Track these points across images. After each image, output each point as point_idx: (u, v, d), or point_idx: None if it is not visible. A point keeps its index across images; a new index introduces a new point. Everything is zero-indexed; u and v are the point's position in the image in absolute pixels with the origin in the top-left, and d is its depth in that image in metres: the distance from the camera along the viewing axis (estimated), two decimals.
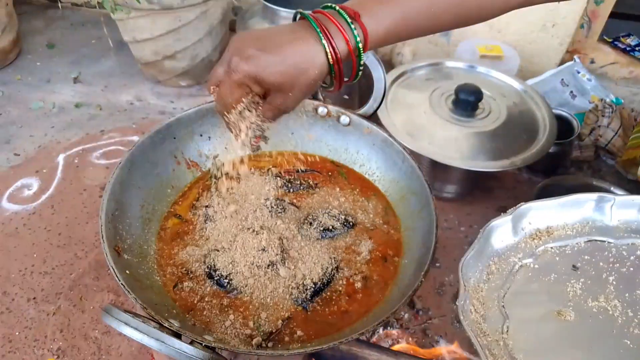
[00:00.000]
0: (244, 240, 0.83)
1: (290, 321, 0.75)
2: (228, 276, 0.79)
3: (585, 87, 1.73)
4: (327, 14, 0.61)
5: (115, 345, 1.10)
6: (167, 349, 0.52)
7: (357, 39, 0.60)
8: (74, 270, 1.28)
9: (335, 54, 0.60)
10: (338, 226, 0.88)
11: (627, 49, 1.86)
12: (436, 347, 1.13)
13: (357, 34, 0.60)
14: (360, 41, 0.60)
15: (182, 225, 0.88)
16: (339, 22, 0.59)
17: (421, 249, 0.79)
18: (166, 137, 0.90)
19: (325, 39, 0.59)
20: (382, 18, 0.61)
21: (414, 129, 1.30)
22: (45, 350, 1.10)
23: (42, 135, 1.74)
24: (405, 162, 0.89)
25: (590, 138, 1.55)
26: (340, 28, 0.59)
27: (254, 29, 1.52)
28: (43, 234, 1.40)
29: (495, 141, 1.27)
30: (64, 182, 1.57)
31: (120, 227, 0.77)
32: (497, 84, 1.47)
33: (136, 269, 0.74)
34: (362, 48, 0.61)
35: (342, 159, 1.00)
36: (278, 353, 0.63)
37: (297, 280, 0.79)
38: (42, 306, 1.20)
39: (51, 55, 2.13)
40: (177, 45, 1.78)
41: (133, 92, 1.96)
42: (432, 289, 1.25)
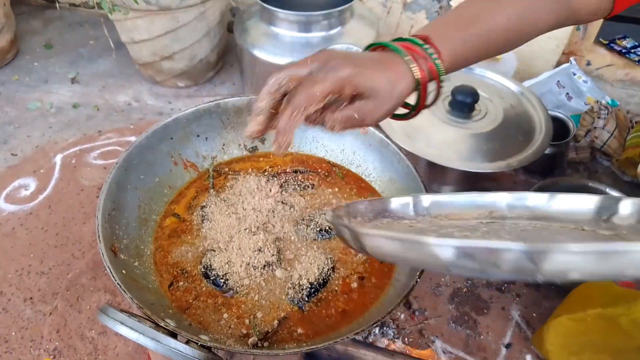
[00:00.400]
0: (241, 241, 0.83)
1: (286, 321, 0.75)
2: (224, 276, 0.79)
3: (581, 88, 1.73)
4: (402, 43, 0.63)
5: (111, 346, 1.10)
6: (163, 348, 0.52)
7: (435, 60, 0.62)
8: (71, 270, 1.28)
9: (422, 74, 0.61)
10: None
11: (623, 51, 1.87)
12: (432, 347, 1.14)
13: (434, 57, 0.62)
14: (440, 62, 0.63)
15: (179, 224, 0.88)
16: (416, 48, 0.62)
17: None
18: (163, 138, 0.91)
19: (413, 60, 0.61)
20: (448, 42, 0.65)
21: (411, 131, 1.30)
22: (41, 350, 1.10)
23: (40, 136, 1.74)
24: (402, 162, 0.89)
25: (586, 140, 1.55)
26: (420, 52, 0.62)
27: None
28: (40, 234, 1.40)
29: (492, 142, 1.27)
30: (61, 183, 1.57)
31: (117, 227, 0.77)
32: (494, 85, 1.47)
33: (132, 269, 0.75)
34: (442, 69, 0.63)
35: (338, 160, 1.01)
36: (274, 353, 0.63)
37: (294, 280, 0.80)
38: (38, 306, 1.20)
39: (49, 56, 2.13)
40: (175, 46, 1.78)
41: (131, 92, 1.96)
42: (428, 290, 1.26)
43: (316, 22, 1.47)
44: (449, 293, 1.25)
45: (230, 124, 0.98)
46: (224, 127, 0.98)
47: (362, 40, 1.52)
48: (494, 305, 1.23)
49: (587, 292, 0.96)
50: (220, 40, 1.93)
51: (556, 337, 1.03)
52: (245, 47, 1.52)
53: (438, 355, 1.13)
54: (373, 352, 0.98)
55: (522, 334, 1.17)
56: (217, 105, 0.95)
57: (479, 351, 1.14)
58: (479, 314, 1.21)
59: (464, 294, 1.25)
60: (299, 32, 1.49)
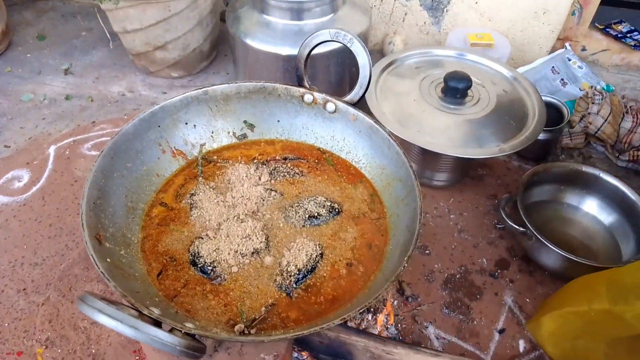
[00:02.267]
0: (229, 228, 0.83)
1: (274, 308, 0.75)
2: (212, 263, 0.79)
3: (576, 74, 1.72)
4: None
5: (104, 335, 1.10)
6: (142, 335, 0.52)
7: None
8: (64, 261, 1.28)
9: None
10: (324, 213, 0.88)
11: (619, 35, 1.85)
12: (425, 333, 1.14)
13: None
14: None
15: (167, 213, 0.87)
16: None
17: (406, 235, 0.79)
18: (151, 126, 0.90)
19: None
20: None
21: (404, 118, 1.29)
22: (34, 340, 1.10)
23: (33, 127, 1.73)
24: (391, 148, 0.89)
25: (580, 125, 1.54)
26: None
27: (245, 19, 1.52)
28: (33, 225, 1.40)
29: (485, 128, 1.26)
30: (55, 174, 1.57)
31: (103, 216, 0.77)
32: (487, 71, 1.46)
33: (118, 258, 0.74)
34: None
35: (328, 146, 1.00)
36: (259, 339, 0.63)
37: (282, 267, 0.79)
38: (32, 297, 1.20)
39: (42, 47, 2.12)
40: (167, 36, 1.77)
41: (124, 83, 1.95)
42: (421, 276, 1.26)
43: (308, 9, 1.46)
44: (443, 279, 1.25)
45: (219, 112, 0.97)
46: (213, 115, 0.97)
47: (355, 28, 1.51)
48: (487, 290, 1.23)
49: (592, 286, 0.95)
50: (213, 30, 1.91)
51: (555, 328, 1.03)
52: (237, 35, 1.50)
53: (431, 341, 1.13)
54: (365, 339, 0.98)
55: (515, 319, 1.17)
56: (205, 92, 0.94)
57: (472, 336, 1.14)
58: (472, 299, 1.21)
59: (457, 280, 1.25)
60: (291, 20, 1.47)
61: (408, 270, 1.27)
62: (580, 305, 0.95)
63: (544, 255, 1.17)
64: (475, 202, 1.45)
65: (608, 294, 0.88)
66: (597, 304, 0.90)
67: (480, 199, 1.46)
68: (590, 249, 1.23)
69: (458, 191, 1.48)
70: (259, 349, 0.74)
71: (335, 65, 1.51)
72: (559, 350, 1.05)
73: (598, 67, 1.86)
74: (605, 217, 1.28)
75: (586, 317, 0.93)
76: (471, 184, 1.51)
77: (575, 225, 1.29)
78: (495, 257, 1.30)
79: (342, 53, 1.46)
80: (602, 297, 0.89)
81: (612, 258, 1.20)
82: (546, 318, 1.05)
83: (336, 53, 1.45)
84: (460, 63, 1.49)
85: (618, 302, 0.86)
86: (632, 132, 1.47)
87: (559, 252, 1.10)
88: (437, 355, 0.98)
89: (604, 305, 0.88)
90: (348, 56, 1.11)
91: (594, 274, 0.97)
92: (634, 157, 1.47)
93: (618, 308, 0.85)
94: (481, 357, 1.11)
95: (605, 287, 0.90)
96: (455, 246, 1.34)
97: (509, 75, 1.44)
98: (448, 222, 1.40)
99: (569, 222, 1.30)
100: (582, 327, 0.96)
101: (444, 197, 1.46)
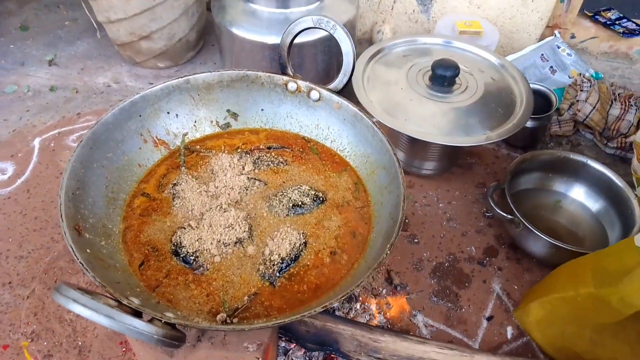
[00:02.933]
0: (212, 218, 0.82)
1: (257, 297, 0.75)
2: (194, 253, 0.78)
3: (565, 62, 1.72)
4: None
5: (90, 327, 1.10)
6: (117, 325, 0.51)
7: None
8: (50, 253, 1.27)
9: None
10: (308, 202, 0.87)
11: (608, 23, 1.85)
12: (413, 321, 1.14)
13: None
14: None
15: (149, 203, 0.86)
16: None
17: (389, 223, 0.78)
18: (131, 115, 0.89)
19: None
20: None
21: (391, 106, 1.28)
22: (19, 334, 1.09)
23: (17, 119, 1.70)
24: (375, 136, 0.88)
25: (569, 113, 1.54)
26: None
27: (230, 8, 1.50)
28: (19, 218, 1.38)
29: (472, 116, 1.25)
30: (40, 166, 1.55)
31: (82, 207, 0.75)
32: (475, 59, 1.45)
33: (99, 248, 0.73)
34: None
35: (313, 135, 0.99)
36: (240, 328, 0.62)
37: (265, 256, 0.79)
38: (17, 290, 1.19)
39: (25, 38, 2.08)
40: (152, 25, 1.74)
41: (110, 74, 1.92)
42: (410, 265, 1.26)
43: None
44: (431, 268, 1.25)
45: (201, 101, 0.96)
46: (195, 104, 0.96)
47: (341, 16, 1.49)
48: (475, 278, 1.23)
49: (578, 272, 0.95)
50: (200, 19, 1.89)
51: (542, 314, 1.03)
52: (223, 24, 1.48)
53: (420, 329, 1.14)
54: (352, 327, 0.98)
55: (503, 307, 1.17)
56: (186, 81, 0.93)
57: (460, 324, 1.14)
58: (460, 287, 1.21)
59: (446, 268, 1.25)
60: (277, 8, 1.45)
61: (397, 259, 1.26)
62: (567, 291, 0.95)
63: (531, 242, 1.17)
64: (464, 190, 1.45)
65: (593, 278, 0.88)
66: (583, 289, 0.90)
67: (469, 187, 1.46)
68: (577, 236, 1.24)
69: (447, 180, 1.48)
70: (242, 338, 0.74)
71: (322, 54, 1.49)
72: (546, 337, 1.05)
73: (587, 55, 1.86)
74: (592, 204, 1.28)
75: (573, 302, 0.93)
76: (460, 173, 1.50)
77: (563, 213, 1.29)
78: (483, 245, 1.31)
79: (329, 42, 1.45)
80: (588, 281, 0.89)
81: (599, 244, 1.21)
82: (533, 305, 1.05)
83: (323, 41, 1.43)
84: (448, 51, 1.48)
85: (603, 284, 0.86)
86: (620, 119, 1.47)
87: (546, 239, 1.10)
88: (424, 343, 0.98)
89: (589, 289, 0.88)
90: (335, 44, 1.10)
91: (579, 259, 0.97)
92: (621, 144, 1.47)
93: (603, 291, 0.85)
94: (469, 344, 1.11)
95: (590, 271, 0.90)
96: (444, 235, 1.33)
97: (497, 63, 1.43)
98: (437, 210, 1.40)
99: (556, 210, 1.30)
100: (569, 313, 0.96)
101: (432, 186, 1.46)
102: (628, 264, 0.81)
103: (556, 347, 1.03)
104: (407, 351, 0.95)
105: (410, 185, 1.46)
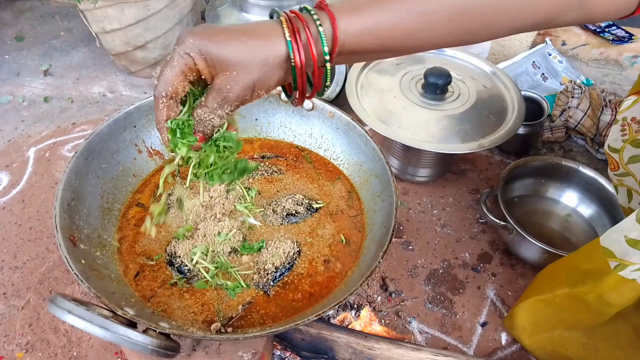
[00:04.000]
0: (206, 228, 0.83)
1: (251, 306, 0.75)
2: (189, 263, 0.78)
3: (557, 68, 1.74)
4: (300, 14, 0.54)
5: (85, 338, 1.09)
6: (112, 336, 0.52)
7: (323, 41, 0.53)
8: (45, 264, 1.27)
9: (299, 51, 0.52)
10: (302, 211, 0.88)
11: (598, 30, 1.87)
12: (408, 327, 1.15)
13: (324, 37, 0.53)
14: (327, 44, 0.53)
15: (144, 213, 0.87)
16: (308, 23, 0.53)
17: (382, 230, 0.79)
18: (126, 126, 0.89)
19: (290, 34, 0.52)
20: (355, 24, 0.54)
21: (385, 114, 1.30)
22: (14, 345, 1.09)
23: (12, 130, 1.71)
24: (368, 145, 0.89)
25: (561, 119, 1.56)
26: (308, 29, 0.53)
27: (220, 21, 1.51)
28: (13, 228, 1.38)
29: (465, 124, 1.27)
30: (35, 176, 1.55)
31: (77, 217, 0.76)
32: (467, 67, 1.47)
33: (94, 259, 0.74)
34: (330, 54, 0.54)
35: (307, 144, 1.00)
36: (234, 337, 0.63)
37: (259, 265, 0.79)
38: (12, 301, 1.19)
39: (20, 48, 2.09)
40: (147, 35, 1.75)
41: (105, 83, 1.93)
42: (405, 272, 1.26)
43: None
44: (426, 274, 1.26)
45: None
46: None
47: None
48: (469, 284, 1.24)
49: (554, 273, 0.97)
50: None
51: (527, 318, 1.04)
52: None
53: (414, 336, 1.14)
54: (346, 335, 0.98)
55: (498, 312, 1.18)
56: None
57: (454, 330, 1.15)
58: (454, 294, 1.22)
59: (440, 275, 1.26)
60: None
61: (392, 265, 1.27)
62: (545, 293, 0.96)
63: (524, 248, 1.18)
64: (458, 197, 1.46)
65: (567, 279, 0.90)
66: (558, 289, 0.92)
67: (462, 194, 1.47)
68: (570, 241, 1.25)
69: (441, 186, 1.49)
70: (236, 347, 0.74)
71: None
72: (535, 342, 1.06)
73: (578, 62, 1.87)
74: (585, 210, 1.29)
75: (551, 303, 0.95)
76: (453, 179, 1.51)
77: (556, 218, 1.30)
78: (477, 251, 1.31)
79: None
80: (563, 282, 0.91)
81: None
82: (517, 310, 1.06)
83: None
84: (440, 59, 1.50)
85: (576, 285, 0.87)
86: (611, 125, 1.48)
87: (538, 245, 1.11)
88: (419, 350, 0.98)
89: (564, 289, 0.90)
90: None
91: (556, 262, 0.99)
92: None
93: (577, 290, 0.87)
94: (464, 350, 1.12)
95: (564, 273, 0.92)
96: (438, 241, 1.34)
97: (488, 71, 1.45)
98: (431, 217, 1.41)
99: (549, 215, 1.31)
100: (550, 314, 0.98)
101: (426, 193, 1.47)
102: (598, 264, 0.82)
103: (546, 352, 1.04)
104: (402, 358, 0.95)
105: (404, 192, 1.47)
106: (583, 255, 0.89)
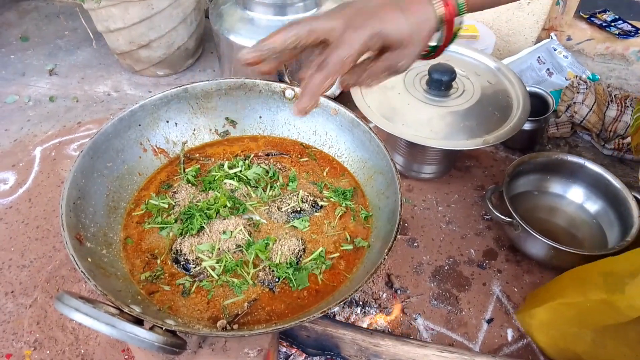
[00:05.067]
0: (211, 225, 0.83)
1: (257, 303, 0.75)
2: (194, 260, 0.79)
3: (562, 64, 1.73)
4: None
5: (93, 335, 1.10)
6: (119, 333, 0.52)
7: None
8: (52, 262, 1.28)
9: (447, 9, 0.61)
10: (307, 208, 0.88)
11: (603, 24, 1.86)
12: (414, 324, 1.15)
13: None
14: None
15: (149, 211, 0.87)
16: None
17: (387, 227, 0.79)
18: (131, 125, 0.90)
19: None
20: None
21: (389, 111, 1.29)
22: (22, 342, 1.10)
23: (18, 129, 1.72)
24: (372, 141, 0.89)
25: (566, 115, 1.55)
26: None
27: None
28: (20, 227, 1.39)
29: (470, 120, 1.26)
30: (41, 175, 1.56)
31: (83, 216, 0.76)
32: (472, 63, 1.46)
33: (100, 257, 0.74)
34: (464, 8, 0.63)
35: (311, 141, 1.00)
36: (240, 334, 0.63)
37: (265, 262, 0.79)
38: (19, 299, 1.20)
39: (25, 48, 2.10)
40: (151, 34, 1.76)
41: (110, 83, 1.94)
42: (410, 269, 1.26)
43: (291, 4, 1.45)
44: (431, 271, 1.26)
45: (200, 109, 0.97)
46: (194, 112, 0.97)
47: None
48: (475, 281, 1.23)
49: (587, 276, 0.94)
50: (198, 27, 1.90)
51: (547, 318, 1.03)
52: (221, 32, 1.50)
53: (420, 333, 1.14)
54: (352, 332, 0.98)
55: (503, 309, 1.18)
56: (185, 90, 0.94)
57: (460, 327, 1.15)
58: (460, 290, 1.22)
59: (446, 271, 1.26)
60: (275, 16, 1.47)
61: (397, 262, 1.27)
62: (576, 297, 0.94)
63: (530, 244, 1.18)
64: (463, 193, 1.46)
65: (605, 284, 0.88)
66: (593, 295, 0.89)
67: (467, 190, 1.46)
68: (576, 238, 1.24)
69: (445, 183, 1.49)
70: (242, 344, 0.74)
71: None
72: (548, 338, 1.06)
73: (583, 57, 1.86)
74: (591, 205, 1.29)
75: (581, 307, 0.93)
76: (458, 176, 1.51)
77: (561, 214, 1.30)
78: (482, 247, 1.31)
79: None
80: (599, 287, 0.88)
81: (598, 246, 1.21)
82: (539, 310, 1.04)
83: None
84: (444, 55, 1.49)
85: (615, 291, 0.85)
86: (617, 120, 1.48)
87: (544, 241, 1.11)
88: (425, 346, 0.98)
89: (600, 295, 0.87)
90: None
91: (589, 265, 0.96)
92: (619, 145, 1.48)
93: (615, 297, 0.85)
94: (469, 346, 1.12)
95: (602, 278, 0.89)
96: (444, 238, 1.34)
97: (493, 67, 1.44)
98: (436, 214, 1.40)
99: (555, 211, 1.31)
100: (575, 316, 0.96)
101: (431, 189, 1.47)
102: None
103: (558, 349, 1.04)
104: (408, 355, 0.95)
105: (409, 189, 1.47)
106: (628, 257, 0.88)
